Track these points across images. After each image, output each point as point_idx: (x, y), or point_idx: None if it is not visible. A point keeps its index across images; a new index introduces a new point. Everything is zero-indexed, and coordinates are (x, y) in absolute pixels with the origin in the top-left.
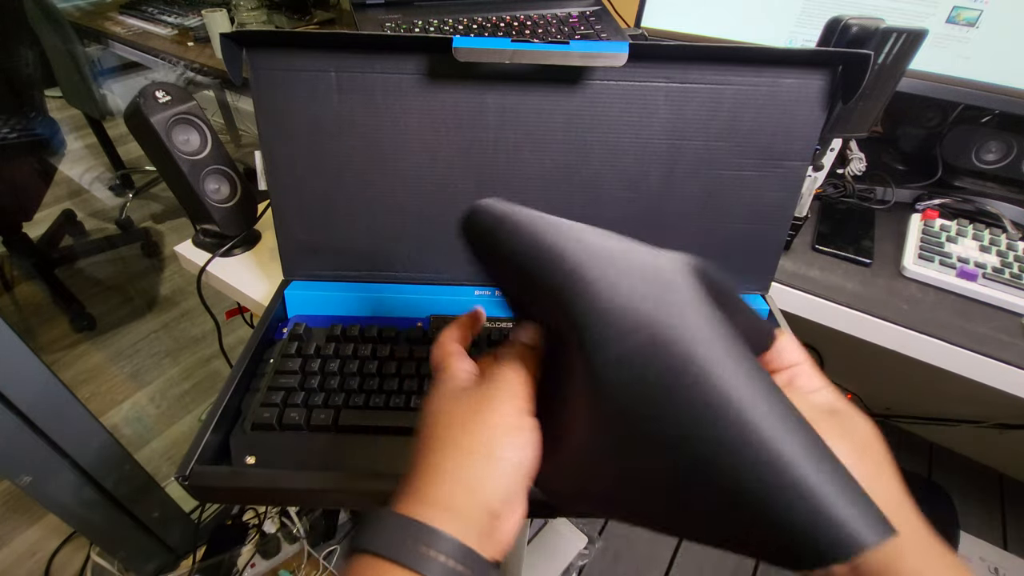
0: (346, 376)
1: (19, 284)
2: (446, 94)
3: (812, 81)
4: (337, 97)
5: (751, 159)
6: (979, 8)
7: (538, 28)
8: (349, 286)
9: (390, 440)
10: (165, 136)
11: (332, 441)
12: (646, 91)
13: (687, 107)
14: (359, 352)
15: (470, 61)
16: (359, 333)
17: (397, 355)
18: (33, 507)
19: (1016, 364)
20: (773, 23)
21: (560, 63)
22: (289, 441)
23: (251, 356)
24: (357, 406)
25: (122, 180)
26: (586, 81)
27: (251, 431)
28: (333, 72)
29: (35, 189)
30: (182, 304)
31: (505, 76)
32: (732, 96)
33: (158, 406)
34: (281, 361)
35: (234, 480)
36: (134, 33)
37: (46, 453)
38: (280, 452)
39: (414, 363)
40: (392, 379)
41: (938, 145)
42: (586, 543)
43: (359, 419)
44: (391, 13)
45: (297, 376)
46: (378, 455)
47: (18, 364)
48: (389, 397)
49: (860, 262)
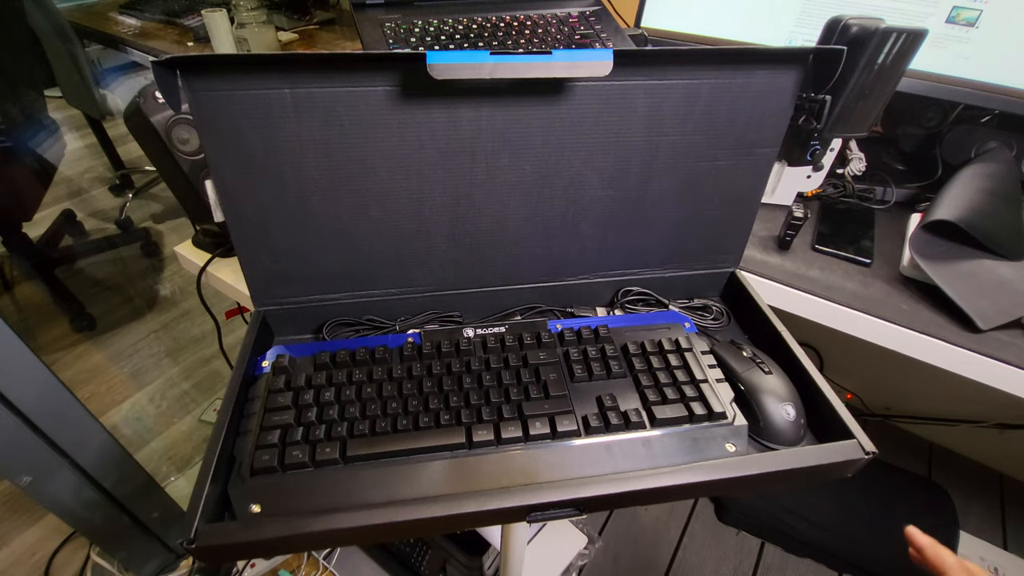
0: (345, 404)
1: (19, 284)
2: (418, 108)
3: (784, 73)
4: (294, 116)
5: (725, 149)
6: (979, 8)
7: (537, 28)
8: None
9: (403, 465)
10: (165, 136)
11: (342, 475)
12: (626, 90)
13: (665, 103)
14: (354, 377)
15: (446, 79)
16: (350, 357)
17: (395, 375)
18: (33, 507)
19: (1016, 364)
20: (773, 23)
21: (542, 75)
22: (294, 482)
23: (235, 398)
24: (363, 434)
25: (122, 180)
26: (566, 87)
27: (251, 477)
28: (287, 89)
29: (35, 189)
30: (182, 304)
31: (482, 89)
32: (708, 91)
33: (158, 406)
34: (270, 398)
35: (246, 534)
36: (134, 33)
37: (46, 453)
38: (287, 495)
39: (413, 382)
40: (394, 401)
41: (938, 145)
42: (586, 543)
43: (368, 447)
44: (391, 13)
45: (291, 411)
46: (392, 482)
47: (18, 364)
48: (395, 420)
49: (860, 262)
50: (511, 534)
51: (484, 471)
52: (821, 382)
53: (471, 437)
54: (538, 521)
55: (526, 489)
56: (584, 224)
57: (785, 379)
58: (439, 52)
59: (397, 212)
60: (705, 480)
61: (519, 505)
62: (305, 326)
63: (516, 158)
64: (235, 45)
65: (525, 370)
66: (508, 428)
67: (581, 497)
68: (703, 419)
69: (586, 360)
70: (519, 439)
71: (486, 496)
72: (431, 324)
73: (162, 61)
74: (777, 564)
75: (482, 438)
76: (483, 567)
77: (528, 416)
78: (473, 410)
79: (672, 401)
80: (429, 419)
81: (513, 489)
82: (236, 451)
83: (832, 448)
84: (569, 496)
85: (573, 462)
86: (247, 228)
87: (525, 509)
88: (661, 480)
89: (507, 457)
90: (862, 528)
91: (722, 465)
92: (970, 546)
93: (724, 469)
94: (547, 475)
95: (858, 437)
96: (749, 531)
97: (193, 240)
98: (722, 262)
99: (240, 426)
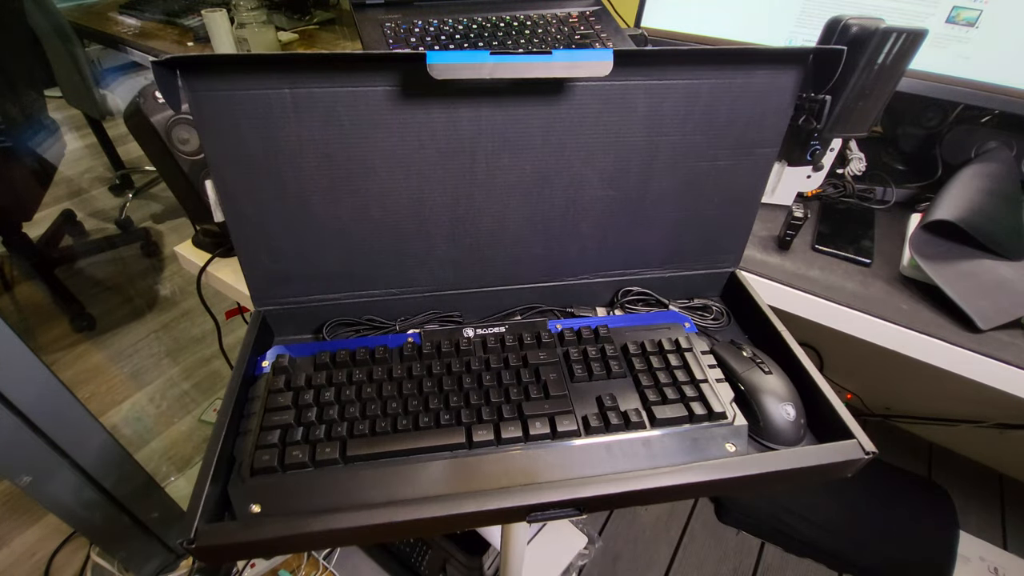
0: (345, 404)
1: (19, 284)
2: (418, 108)
3: (784, 74)
4: (294, 116)
5: (725, 149)
6: (979, 8)
7: (537, 28)
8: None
9: (403, 465)
10: (165, 136)
11: (341, 475)
12: (626, 90)
13: (665, 103)
14: (354, 377)
15: (446, 79)
16: (350, 357)
17: (395, 375)
18: (33, 507)
19: (1016, 364)
20: (773, 23)
21: (542, 76)
22: (294, 482)
23: (235, 398)
24: (363, 434)
25: (122, 180)
26: (566, 87)
27: (251, 477)
28: (287, 89)
29: (35, 189)
30: (182, 304)
31: (483, 88)
32: (708, 91)
33: (158, 406)
34: (270, 398)
35: (246, 534)
36: (134, 33)
37: (46, 453)
38: (286, 495)
39: (413, 381)
40: (394, 401)
41: (938, 145)
42: (586, 543)
43: (368, 447)
44: (391, 13)
45: (291, 411)
46: (392, 482)
47: (18, 364)
48: (395, 420)
49: (860, 262)
50: (511, 534)
51: (484, 471)
52: (821, 382)
53: (471, 437)
54: (538, 521)
55: (526, 489)
56: (584, 224)
57: (785, 379)
58: (439, 52)
59: (397, 212)
60: (705, 480)
61: (519, 505)
62: (305, 326)
63: (516, 158)
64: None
65: (525, 370)
66: (508, 428)
67: (581, 497)
68: (703, 419)
69: (586, 360)
70: (519, 439)
71: (486, 496)
72: (431, 324)
73: (162, 61)
74: (777, 564)
75: (482, 438)
76: (483, 567)
77: (528, 416)
78: (473, 410)
79: (672, 401)
80: (429, 419)
81: (513, 489)
82: (236, 451)
83: (832, 448)
84: (569, 496)
85: (573, 462)
86: (247, 228)
87: (525, 509)
88: (661, 480)
89: (507, 457)
90: (862, 528)
91: (722, 465)
92: (970, 546)
93: (724, 469)
94: (547, 475)
95: (858, 437)
96: (749, 531)
97: (193, 240)
98: (722, 262)
99: (240, 426)
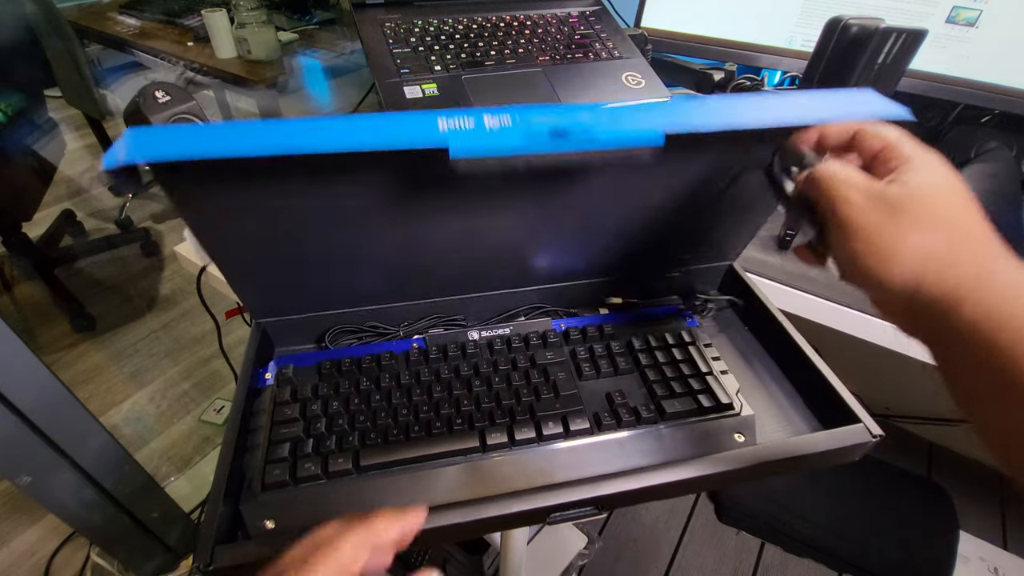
0: (354, 413)
1: (19, 284)
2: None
3: None
4: (281, 215)
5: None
6: (979, 8)
7: (537, 29)
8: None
9: (418, 472)
10: None
11: (355, 485)
12: None
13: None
14: (362, 385)
15: (471, 173)
16: (355, 365)
17: (403, 381)
18: (33, 507)
19: None
20: (773, 23)
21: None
22: (308, 495)
23: (242, 414)
24: (376, 443)
25: None
26: None
27: (263, 493)
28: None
29: (35, 189)
30: (182, 304)
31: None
32: None
33: (158, 406)
34: (277, 410)
35: (263, 552)
36: (134, 33)
37: (46, 453)
38: (300, 509)
39: (422, 387)
40: (405, 407)
41: (938, 145)
42: (586, 543)
43: (381, 456)
44: (391, 13)
45: (300, 423)
46: (408, 490)
47: (18, 364)
48: (407, 427)
49: None
50: (511, 534)
51: (500, 474)
52: (824, 368)
53: (485, 440)
54: (558, 522)
55: (545, 490)
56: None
57: None
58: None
59: (395, 257)
60: (721, 471)
61: (540, 507)
62: (307, 335)
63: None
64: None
65: (534, 370)
66: (521, 429)
67: (601, 495)
68: (711, 411)
69: (593, 358)
70: (533, 440)
71: (507, 500)
72: (435, 328)
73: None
74: (777, 564)
75: (496, 441)
76: (483, 567)
77: (540, 416)
78: (485, 413)
79: (680, 395)
80: (441, 424)
81: (532, 491)
82: (244, 467)
83: (840, 433)
84: (589, 495)
85: (588, 460)
86: (235, 263)
87: (546, 511)
88: (678, 474)
89: (522, 459)
90: (862, 528)
91: (736, 456)
92: (970, 546)
93: (738, 459)
94: (563, 474)
95: (864, 421)
96: (749, 531)
97: None
98: (722, 258)
99: (247, 441)
